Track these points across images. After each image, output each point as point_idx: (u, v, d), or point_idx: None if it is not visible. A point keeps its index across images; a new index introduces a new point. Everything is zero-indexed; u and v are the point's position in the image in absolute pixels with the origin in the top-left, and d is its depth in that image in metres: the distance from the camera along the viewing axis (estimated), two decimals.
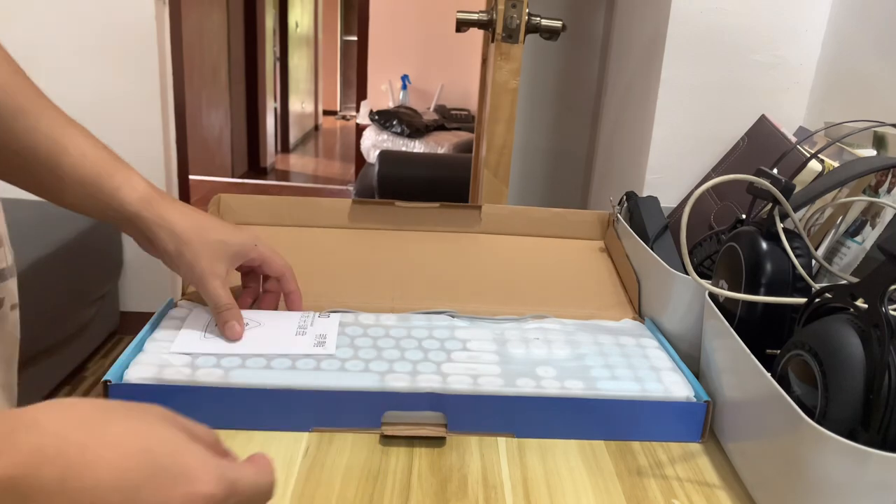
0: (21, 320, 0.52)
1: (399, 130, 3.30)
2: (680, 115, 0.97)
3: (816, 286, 0.52)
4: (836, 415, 0.42)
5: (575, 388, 0.55)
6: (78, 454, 0.26)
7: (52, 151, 0.52)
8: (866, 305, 0.43)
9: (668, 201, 0.85)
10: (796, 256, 0.54)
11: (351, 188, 4.05)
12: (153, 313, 0.62)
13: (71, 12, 1.87)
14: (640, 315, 0.70)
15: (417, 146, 3.26)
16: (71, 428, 0.27)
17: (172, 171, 2.10)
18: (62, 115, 0.54)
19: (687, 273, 0.56)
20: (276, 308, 0.65)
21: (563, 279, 0.76)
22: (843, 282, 0.49)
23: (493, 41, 0.98)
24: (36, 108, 0.52)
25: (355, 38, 4.43)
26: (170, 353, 0.55)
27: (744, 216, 0.61)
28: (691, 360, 0.60)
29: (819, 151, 0.68)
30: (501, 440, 0.53)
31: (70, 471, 0.26)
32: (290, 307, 0.64)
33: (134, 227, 0.56)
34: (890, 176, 0.63)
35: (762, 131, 0.84)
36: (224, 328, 0.57)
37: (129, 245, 2.03)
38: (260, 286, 0.65)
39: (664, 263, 0.64)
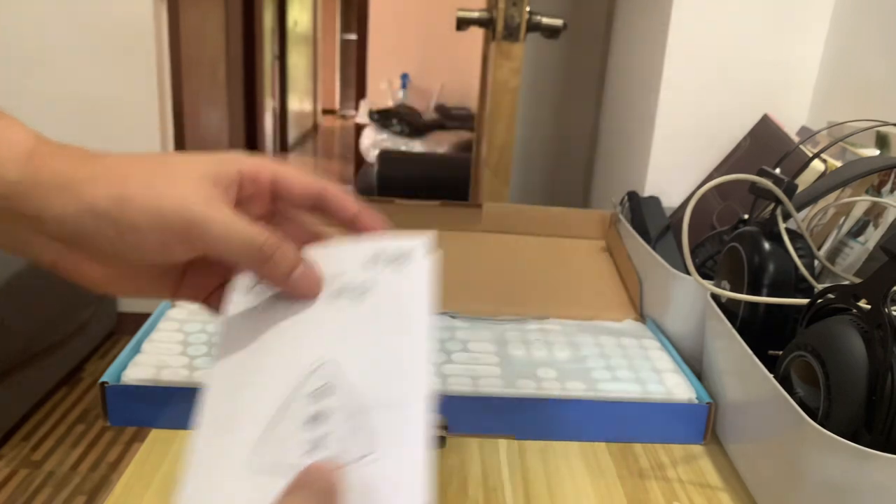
0: (19, 320, 0.46)
1: (399, 130, 3.29)
2: (682, 114, 0.97)
3: (819, 287, 0.52)
4: (838, 416, 0.41)
5: (576, 389, 0.54)
6: None
7: None
8: (869, 306, 0.42)
9: (669, 201, 0.84)
10: (799, 257, 0.54)
11: (350, 188, 4.05)
12: (151, 314, 0.61)
13: (69, 11, 1.86)
14: (641, 316, 0.70)
15: (417, 146, 3.26)
16: None
17: None
18: None
19: (689, 273, 0.56)
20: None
21: (565, 279, 0.75)
22: (846, 282, 0.49)
23: (493, 40, 0.98)
24: None
25: (354, 37, 4.43)
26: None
27: (746, 216, 0.61)
28: (693, 361, 0.60)
29: (822, 151, 0.68)
30: (502, 442, 0.53)
31: None
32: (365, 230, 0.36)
33: (14, 207, 0.29)
34: (893, 176, 0.62)
35: (765, 131, 0.84)
36: (287, 283, 0.32)
37: None
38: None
39: (666, 264, 0.64)
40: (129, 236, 0.29)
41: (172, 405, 0.51)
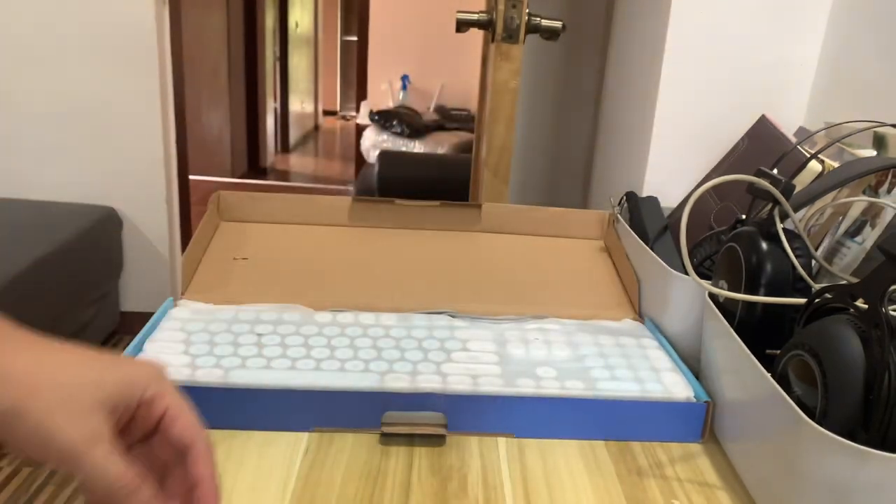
0: (21, 320, 0.46)
1: (399, 131, 3.30)
2: (680, 114, 0.97)
3: (816, 286, 0.52)
4: (836, 415, 0.42)
5: (575, 388, 0.55)
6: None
7: None
8: (866, 306, 0.43)
9: (668, 201, 0.85)
10: (796, 257, 0.54)
11: (351, 188, 4.06)
12: (153, 313, 0.62)
13: (71, 12, 1.87)
14: (640, 315, 0.70)
15: (417, 146, 3.27)
16: None
17: (172, 171, 2.10)
18: None
19: (687, 273, 0.56)
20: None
21: (563, 279, 0.76)
22: (843, 282, 0.49)
23: (493, 41, 0.98)
24: None
25: (355, 38, 4.44)
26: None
27: (744, 216, 0.61)
28: (691, 360, 0.60)
29: (819, 152, 0.68)
30: (501, 440, 0.53)
31: None
32: None
33: None
34: (890, 176, 0.63)
35: (762, 131, 0.84)
36: None
37: (129, 245, 2.03)
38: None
39: (664, 264, 0.64)
40: (13, 443, 0.33)
41: None
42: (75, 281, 1.82)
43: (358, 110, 4.05)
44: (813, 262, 0.57)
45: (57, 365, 0.35)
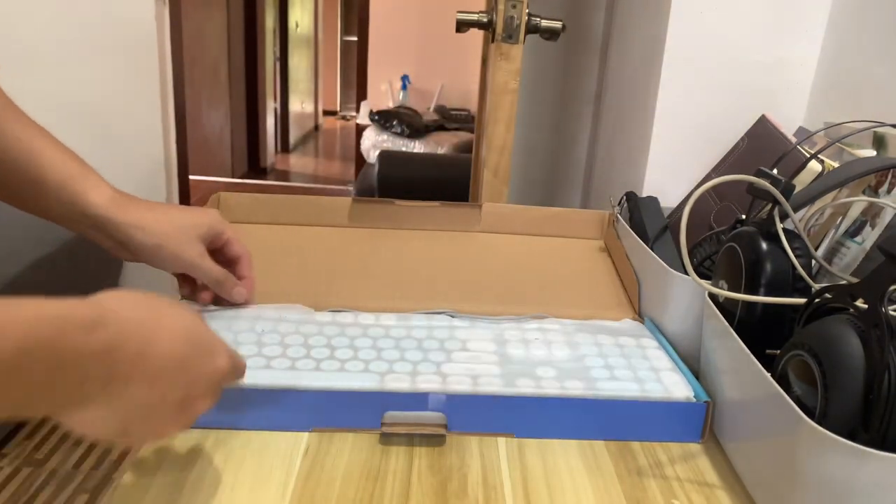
0: None
1: (399, 131, 3.30)
2: (680, 115, 0.97)
3: (816, 286, 0.52)
4: (835, 415, 0.42)
5: (575, 388, 0.55)
6: (149, 332, 0.38)
7: (25, 156, 0.53)
8: (866, 306, 0.43)
9: (667, 201, 0.85)
10: (796, 257, 0.54)
11: (351, 188, 4.06)
12: None
13: (70, 12, 1.87)
14: (639, 315, 0.70)
15: (417, 146, 3.26)
16: (140, 312, 0.39)
17: (172, 171, 2.10)
18: (29, 119, 0.55)
19: (687, 273, 0.56)
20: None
21: (563, 279, 0.76)
22: (843, 282, 0.49)
23: (493, 41, 0.98)
24: (5, 112, 0.54)
25: (355, 39, 4.43)
26: None
27: (744, 216, 0.61)
28: (691, 360, 0.60)
29: (819, 152, 0.68)
30: (501, 440, 0.53)
31: (145, 345, 0.37)
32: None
33: (103, 231, 0.56)
34: (890, 176, 0.63)
35: (762, 131, 0.84)
36: (232, 295, 0.62)
37: None
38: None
39: (664, 264, 0.64)
40: (157, 261, 0.58)
41: None
42: (75, 281, 1.82)
43: (358, 110, 4.05)
44: (813, 262, 0.57)
45: (172, 216, 0.58)
